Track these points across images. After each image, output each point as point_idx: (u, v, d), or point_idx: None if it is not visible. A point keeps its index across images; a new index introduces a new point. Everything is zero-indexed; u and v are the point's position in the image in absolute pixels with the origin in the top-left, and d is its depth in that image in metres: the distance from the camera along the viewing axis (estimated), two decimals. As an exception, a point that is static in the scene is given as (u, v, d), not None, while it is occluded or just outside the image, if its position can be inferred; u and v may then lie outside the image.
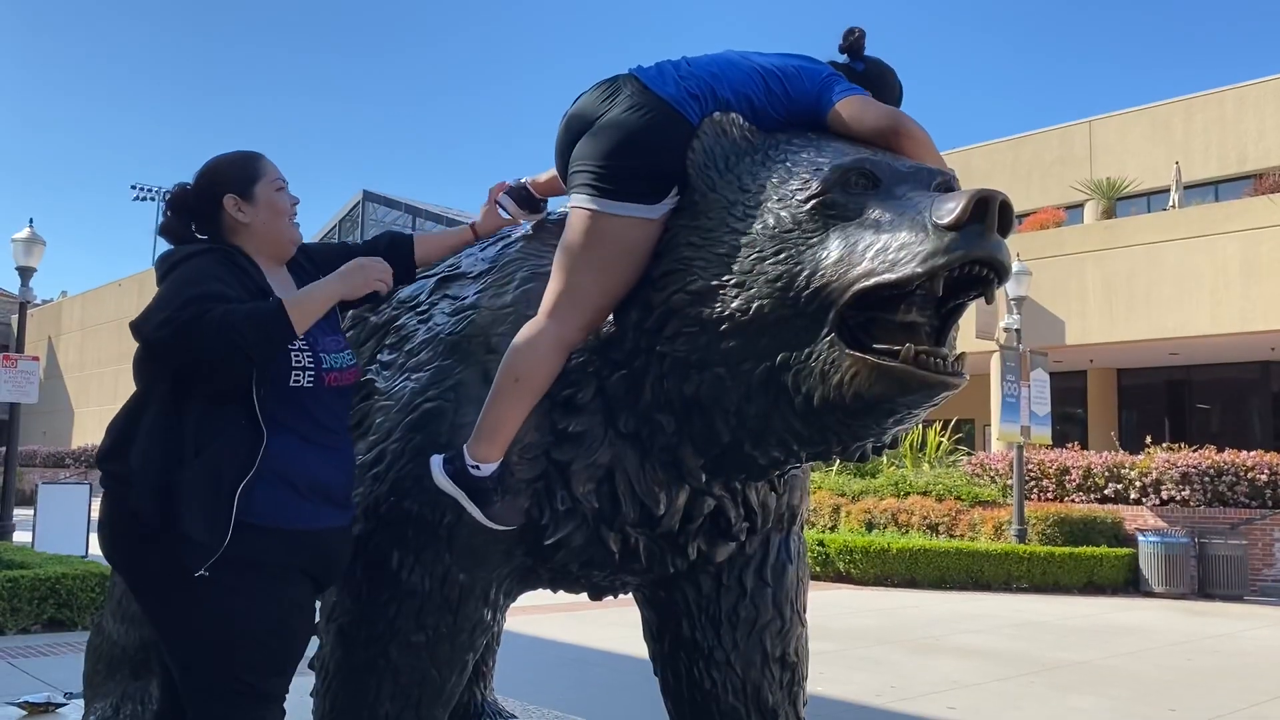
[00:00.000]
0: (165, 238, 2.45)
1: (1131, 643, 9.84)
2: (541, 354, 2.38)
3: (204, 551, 2.14)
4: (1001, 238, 1.95)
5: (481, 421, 2.38)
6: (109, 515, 2.30)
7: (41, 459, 37.20)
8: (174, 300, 2.16)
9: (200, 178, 2.45)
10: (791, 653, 2.79)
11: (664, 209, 2.35)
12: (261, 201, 2.42)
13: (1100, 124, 25.34)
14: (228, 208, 2.40)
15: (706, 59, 2.52)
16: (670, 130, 2.36)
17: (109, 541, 2.33)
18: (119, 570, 2.38)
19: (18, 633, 8.61)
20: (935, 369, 1.99)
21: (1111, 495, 15.63)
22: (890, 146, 2.38)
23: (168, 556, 2.16)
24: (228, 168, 2.45)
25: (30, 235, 14.35)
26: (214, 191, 2.41)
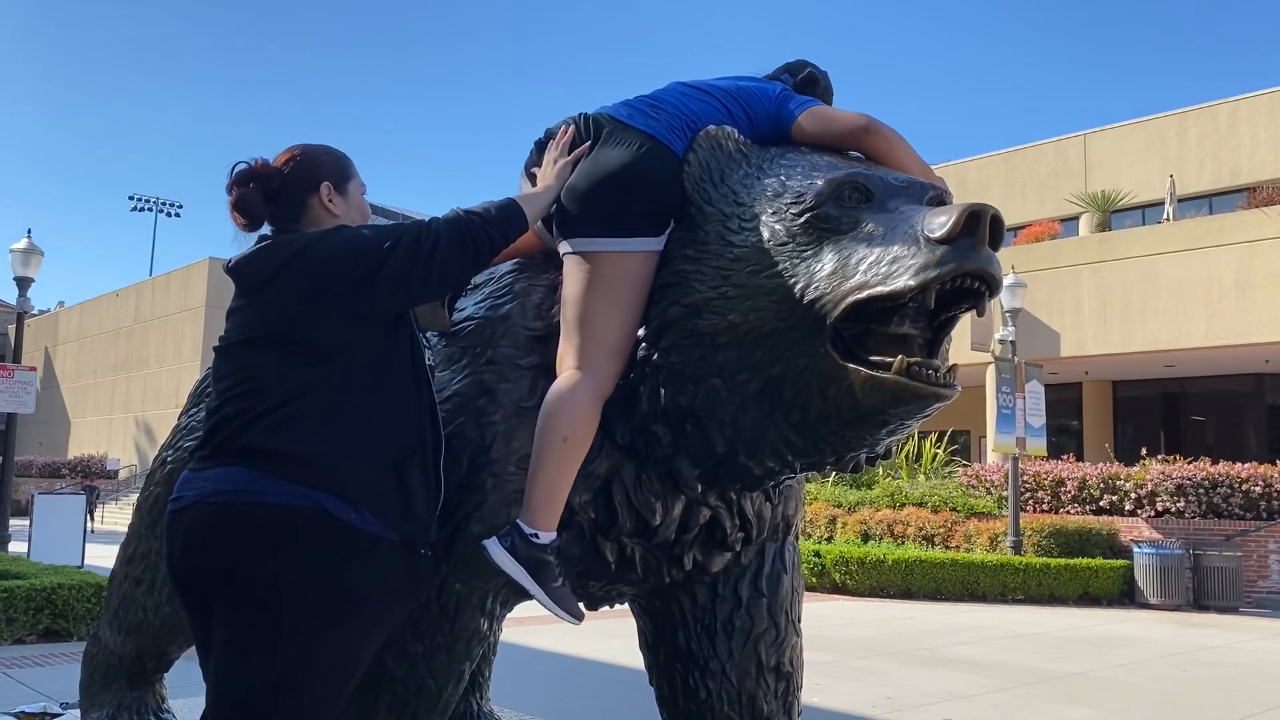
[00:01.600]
0: (240, 214, 2.28)
1: (1127, 654, 9.85)
2: (585, 408, 2.33)
3: (421, 528, 2.17)
4: (993, 251, 1.98)
5: (534, 489, 2.31)
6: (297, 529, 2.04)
7: (38, 469, 37.15)
8: (389, 231, 2.16)
9: (298, 158, 2.31)
10: (786, 662, 2.80)
11: (666, 236, 2.38)
12: (353, 200, 2.35)
13: (1095, 137, 25.46)
14: (321, 195, 2.29)
15: (664, 92, 2.56)
16: (669, 164, 2.38)
17: (300, 560, 2.03)
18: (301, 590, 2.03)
19: (13, 643, 8.60)
20: (928, 380, 2.01)
21: (1107, 507, 15.66)
22: (862, 148, 2.43)
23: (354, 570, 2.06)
24: (325, 156, 2.34)
25: (28, 245, 14.37)
26: (311, 176, 2.29)
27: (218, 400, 2.18)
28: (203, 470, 2.14)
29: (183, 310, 38.97)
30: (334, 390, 2.11)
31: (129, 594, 3.59)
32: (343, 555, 2.05)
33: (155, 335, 40.55)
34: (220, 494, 2.07)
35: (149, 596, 3.52)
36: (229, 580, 2.05)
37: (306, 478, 2.05)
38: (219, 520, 2.07)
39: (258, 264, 2.22)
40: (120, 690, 3.74)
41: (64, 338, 49.02)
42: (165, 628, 3.54)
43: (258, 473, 2.06)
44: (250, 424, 2.09)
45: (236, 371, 2.18)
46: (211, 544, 2.07)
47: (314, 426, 2.08)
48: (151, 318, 41.22)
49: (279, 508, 2.03)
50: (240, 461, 2.08)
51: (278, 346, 2.14)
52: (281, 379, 2.11)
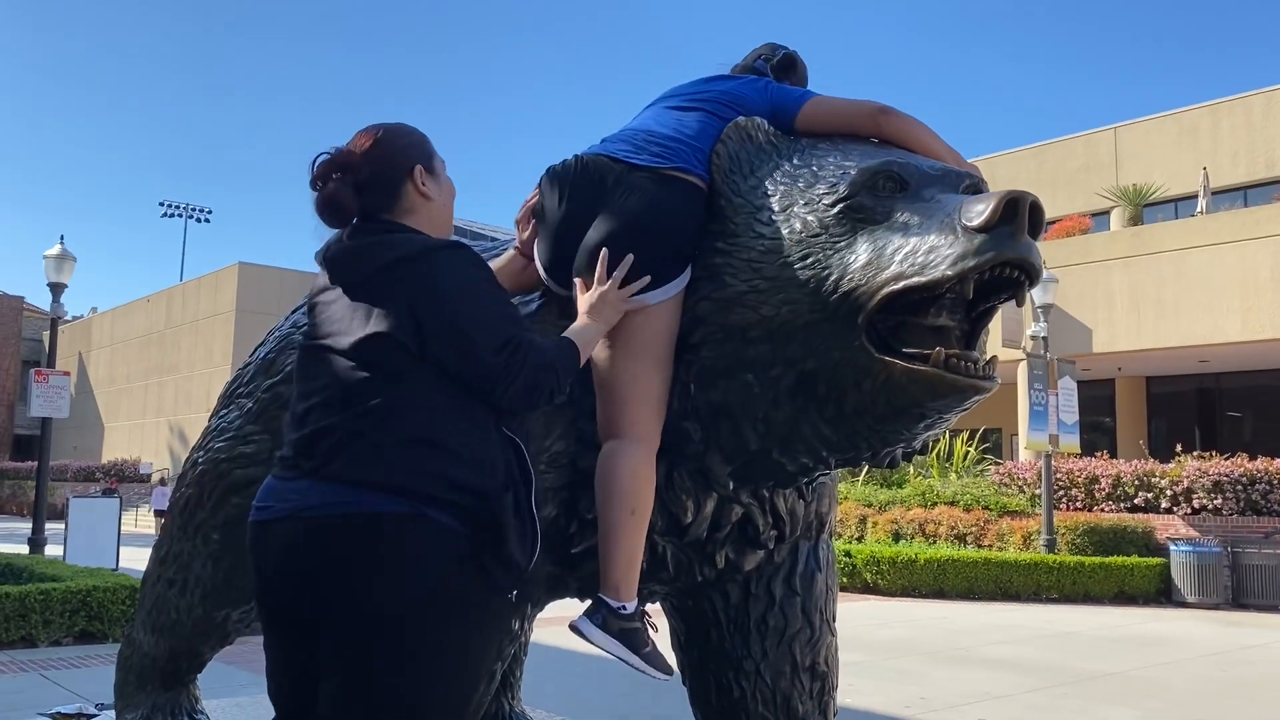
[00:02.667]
0: (329, 212, 2.09)
1: (1164, 654, 9.70)
2: (645, 476, 2.30)
3: (516, 573, 2.01)
4: (1032, 239, 1.93)
5: (612, 565, 2.29)
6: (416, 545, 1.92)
7: (72, 473, 37.61)
8: (503, 330, 2.02)
9: (383, 142, 2.13)
10: (821, 662, 2.77)
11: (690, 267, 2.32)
12: (443, 180, 2.22)
13: (1126, 130, 25.17)
14: (416, 180, 2.14)
15: (655, 121, 2.46)
16: (690, 196, 2.31)
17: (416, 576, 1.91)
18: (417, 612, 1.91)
19: (50, 645, 8.69)
20: (966, 372, 1.97)
21: (1142, 504, 15.46)
22: (877, 132, 2.36)
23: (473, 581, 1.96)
24: (411, 135, 2.18)
25: (61, 252, 14.53)
26: (403, 159, 2.13)
27: (304, 405, 2.05)
28: (294, 481, 1.99)
29: (213, 315, 39.33)
30: (417, 412, 1.98)
31: (162, 595, 3.60)
32: (450, 562, 1.94)
33: (186, 340, 40.96)
34: (316, 507, 1.93)
35: (182, 598, 3.53)
36: (330, 601, 1.91)
37: (401, 491, 1.92)
38: (317, 535, 1.92)
39: (357, 257, 2.09)
40: (154, 691, 3.75)
41: (97, 343, 49.63)
42: (198, 629, 3.55)
43: (347, 485, 1.93)
44: (345, 437, 1.96)
45: (318, 377, 2.04)
46: (309, 562, 1.93)
47: (411, 449, 1.95)
48: (183, 322, 41.64)
49: (381, 517, 1.90)
50: (327, 475, 1.94)
51: (361, 358, 2.00)
52: (364, 393, 1.98)
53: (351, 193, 2.08)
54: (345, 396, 1.98)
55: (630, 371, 2.28)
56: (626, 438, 2.29)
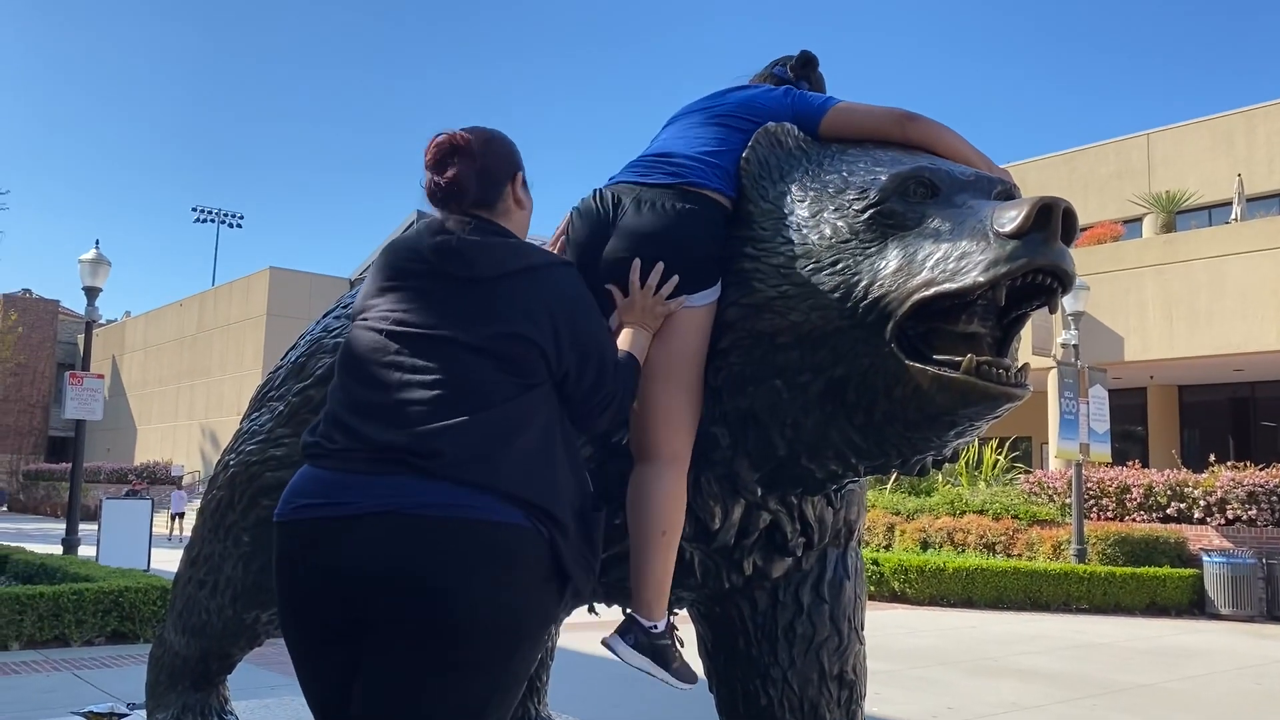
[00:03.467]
0: (450, 193, 2.06)
1: (1198, 666, 9.58)
2: (677, 497, 2.28)
3: (578, 592, 2.04)
4: (1065, 245, 1.92)
5: (644, 585, 2.30)
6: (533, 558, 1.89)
7: (106, 475, 38.04)
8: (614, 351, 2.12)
9: (495, 141, 2.13)
10: (849, 670, 2.75)
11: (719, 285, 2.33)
12: (528, 193, 2.22)
13: (1158, 136, 24.92)
14: (516, 185, 2.15)
15: (671, 145, 2.43)
16: (712, 209, 2.31)
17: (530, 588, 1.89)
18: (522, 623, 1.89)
19: (82, 644, 8.80)
20: (998, 380, 1.95)
21: (1174, 515, 15.27)
22: (904, 138, 2.33)
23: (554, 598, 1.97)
24: (511, 144, 2.19)
25: (96, 256, 14.72)
26: (511, 161, 2.15)
27: (389, 395, 1.90)
28: (379, 475, 1.86)
29: (244, 319, 39.72)
30: (541, 421, 1.95)
31: (193, 596, 3.64)
32: (553, 578, 1.93)
33: (218, 343, 41.39)
34: (434, 506, 1.82)
35: (212, 599, 3.56)
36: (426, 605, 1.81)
37: (527, 504, 1.88)
38: (432, 534, 1.82)
39: (490, 254, 2.03)
40: (185, 691, 3.78)
41: (130, 346, 50.23)
42: (228, 630, 3.58)
43: (478, 489, 1.84)
44: (468, 440, 1.86)
45: (428, 370, 1.91)
46: (412, 561, 1.81)
47: (529, 459, 1.90)
48: (214, 326, 42.08)
49: (507, 527, 1.85)
50: (456, 476, 1.84)
51: (497, 356, 1.93)
52: (498, 394, 1.91)
53: (473, 181, 2.06)
54: (474, 393, 1.89)
55: (660, 393, 2.27)
56: (658, 459, 2.28)
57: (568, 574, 1.96)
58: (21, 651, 8.42)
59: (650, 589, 2.30)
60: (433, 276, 2.02)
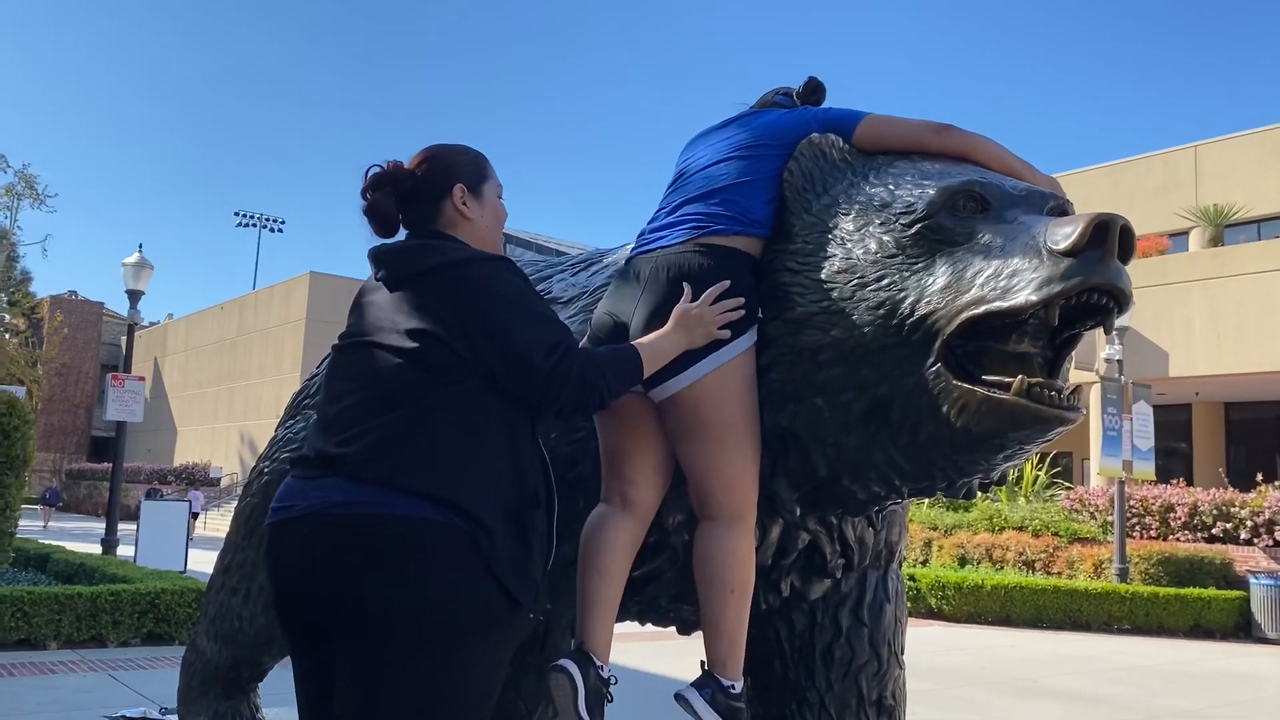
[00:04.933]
0: (371, 219, 2.18)
1: (1245, 691, 9.34)
2: (745, 554, 2.23)
3: (535, 591, 2.01)
4: (1122, 264, 1.84)
5: (717, 643, 2.24)
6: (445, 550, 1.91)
7: (146, 475, 38.57)
8: (550, 335, 2.03)
9: (430, 160, 2.21)
10: (889, 696, 2.68)
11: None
12: (487, 203, 2.24)
13: (1206, 149, 24.51)
14: (454, 198, 2.18)
15: (686, 192, 2.38)
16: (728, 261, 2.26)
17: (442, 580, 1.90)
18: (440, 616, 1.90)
19: (118, 645, 8.87)
20: (1050, 402, 1.88)
21: (1220, 535, 14.95)
22: (942, 148, 2.26)
23: (487, 600, 1.94)
24: (460, 156, 2.24)
25: (139, 260, 14.93)
26: (445, 177, 2.19)
27: (339, 404, 2.04)
28: (319, 480, 1.98)
29: (284, 323, 40.13)
30: (459, 418, 1.98)
31: (225, 603, 3.63)
32: (478, 571, 1.91)
33: (258, 347, 41.84)
34: (342, 505, 1.92)
35: (245, 606, 3.55)
36: (350, 601, 1.90)
37: (434, 498, 1.91)
38: (340, 533, 1.92)
39: (406, 257, 2.14)
40: (216, 698, 3.78)
41: (172, 349, 50.94)
42: (260, 638, 3.57)
43: (381, 488, 1.91)
44: (385, 440, 1.95)
45: (359, 376, 2.05)
46: (330, 560, 1.92)
47: (440, 455, 1.94)
48: (254, 330, 42.55)
49: (411, 520, 1.89)
50: (362, 475, 1.93)
51: (407, 356, 2.00)
52: (407, 394, 1.98)
53: (394, 203, 2.17)
54: (387, 395, 1.98)
55: (717, 454, 2.20)
56: (721, 518, 2.22)
57: (486, 567, 1.91)
58: (59, 651, 8.51)
59: (723, 646, 2.24)
60: (374, 288, 2.17)
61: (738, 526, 2.22)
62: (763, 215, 2.27)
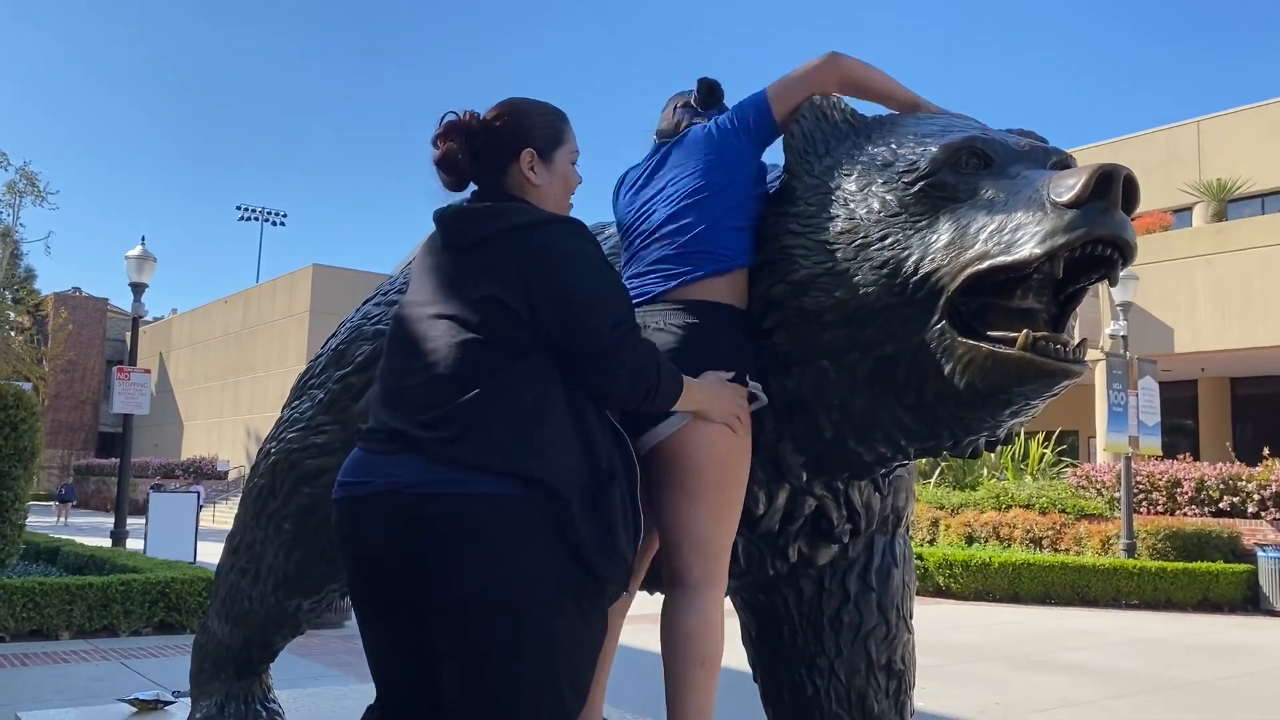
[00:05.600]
0: (441, 170, 2.09)
1: (1254, 663, 9.35)
2: (717, 623, 2.15)
3: (622, 564, 1.95)
4: (1126, 215, 1.84)
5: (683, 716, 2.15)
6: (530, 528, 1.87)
7: (154, 470, 38.68)
8: (619, 306, 1.98)
9: (506, 116, 2.10)
10: (898, 660, 2.68)
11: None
12: (557, 169, 2.13)
13: (1209, 124, 24.39)
14: (523, 162, 2.08)
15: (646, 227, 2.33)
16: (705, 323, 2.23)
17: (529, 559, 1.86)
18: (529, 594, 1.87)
19: (130, 634, 8.92)
20: (1055, 355, 1.87)
21: (1227, 509, 14.95)
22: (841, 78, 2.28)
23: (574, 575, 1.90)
24: (537, 117, 2.13)
25: (142, 252, 14.93)
26: (516, 139, 2.09)
27: (405, 381, 1.97)
28: (394, 455, 1.92)
29: (288, 316, 40.14)
30: (531, 394, 1.91)
31: (235, 585, 3.64)
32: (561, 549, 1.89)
33: (262, 340, 41.88)
34: (426, 484, 1.87)
35: (254, 587, 3.56)
36: (439, 581, 1.86)
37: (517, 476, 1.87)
38: (426, 512, 1.87)
39: (474, 219, 2.04)
40: (228, 679, 3.80)
41: (177, 343, 50.99)
42: (271, 618, 3.58)
43: (462, 467, 1.86)
44: (455, 415, 1.89)
45: (428, 351, 1.96)
46: (417, 539, 1.87)
47: (516, 433, 1.88)
48: (259, 323, 42.59)
49: (495, 498, 1.85)
50: (441, 455, 1.88)
51: (475, 329, 1.93)
52: (478, 371, 1.91)
53: (466, 157, 2.07)
54: (459, 373, 1.91)
55: (691, 508, 2.15)
56: (689, 584, 2.15)
57: (572, 543, 1.88)
58: (71, 641, 8.56)
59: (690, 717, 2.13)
60: (438, 251, 2.07)
61: (708, 592, 2.14)
62: (739, 246, 2.23)
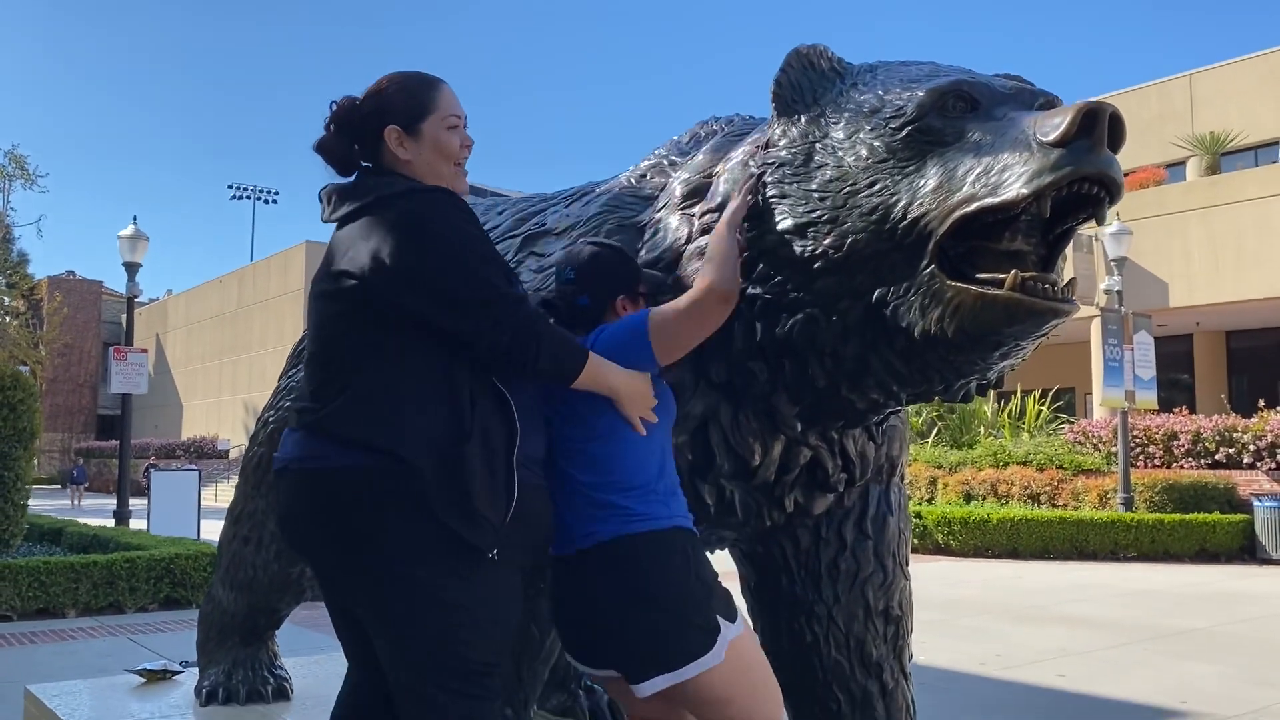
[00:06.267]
0: (324, 156, 2.15)
1: (1251, 610, 9.45)
2: None
3: (492, 530, 1.91)
4: (1112, 153, 1.84)
5: None
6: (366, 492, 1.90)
7: (154, 451, 38.69)
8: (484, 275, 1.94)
9: (367, 99, 2.14)
10: (895, 606, 2.72)
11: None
12: (427, 140, 2.11)
13: (1201, 77, 24.29)
14: (388, 140, 2.10)
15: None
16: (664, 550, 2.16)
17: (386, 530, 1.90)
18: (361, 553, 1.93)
19: (136, 611, 8.98)
20: (1044, 295, 1.89)
21: (1223, 460, 15.04)
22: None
23: (439, 538, 1.90)
24: (396, 94, 2.13)
25: (134, 232, 14.88)
26: (377, 118, 2.11)
27: (306, 354, 2.12)
28: (295, 432, 2.04)
29: (283, 294, 40.05)
30: (392, 363, 1.95)
31: (238, 553, 3.68)
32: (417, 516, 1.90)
33: (258, 319, 41.81)
34: (301, 459, 1.99)
35: (257, 554, 3.60)
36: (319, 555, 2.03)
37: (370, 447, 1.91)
38: (302, 487, 1.98)
39: (344, 196, 2.10)
40: (234, 647, 3.84)
41: (173, 324, 50.90)
42: (274, 584, 3.61)
43: (326, 440, 1.95)
44: (316, 388, 2.00)
45: (312, 326, 2.09)
46: (298, 514, 2.01)
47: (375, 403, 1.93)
48: (254, 302, 42.50)
49: (349, 472, 1.91)
50: (315, 428, 1.97)
51: (341, 300, 1.99)
52: (343, 343, 1.99)
53: (342, 141, 2.14)
54: (328, 346, 2.01)
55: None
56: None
57: (434, 515, 1.88)
58: (78, 619, 8.61)
59: None
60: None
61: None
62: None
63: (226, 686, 3.73)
